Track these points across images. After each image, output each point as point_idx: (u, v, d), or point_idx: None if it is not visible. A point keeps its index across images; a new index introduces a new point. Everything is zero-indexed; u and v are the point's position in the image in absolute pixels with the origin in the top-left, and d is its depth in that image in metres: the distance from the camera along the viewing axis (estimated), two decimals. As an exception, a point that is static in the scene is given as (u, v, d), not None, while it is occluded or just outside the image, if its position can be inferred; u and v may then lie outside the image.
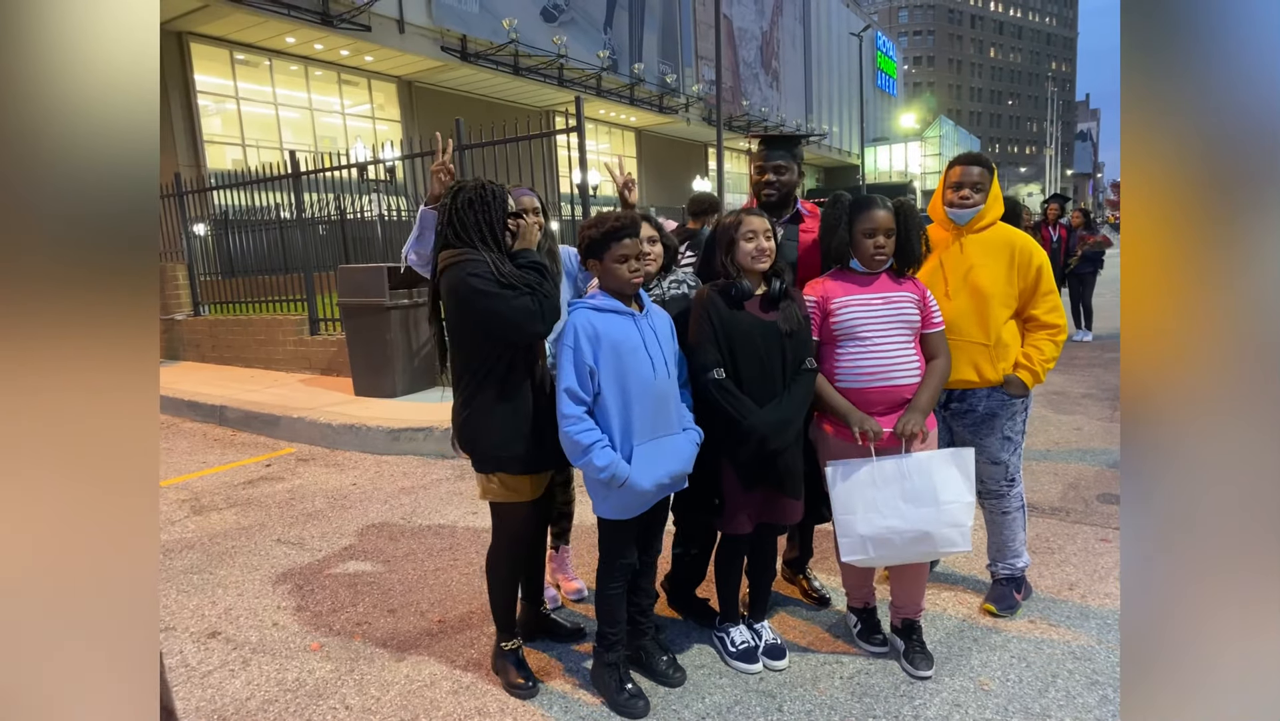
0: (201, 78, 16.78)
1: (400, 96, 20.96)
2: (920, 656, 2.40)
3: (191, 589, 3.24)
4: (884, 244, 2.34)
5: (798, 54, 38.29)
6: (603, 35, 24.54)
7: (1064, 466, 4.42)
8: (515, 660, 2.43)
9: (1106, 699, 2.22)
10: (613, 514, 2.22)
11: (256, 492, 4.56)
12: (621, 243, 2.16)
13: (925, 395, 2.34)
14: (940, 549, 2.32)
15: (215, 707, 2.37)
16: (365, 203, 8.19)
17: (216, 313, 9.22)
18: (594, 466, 2.10)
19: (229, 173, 9.81)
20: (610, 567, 2.30)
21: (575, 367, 2.13)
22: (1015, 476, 2.73)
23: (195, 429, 6.39)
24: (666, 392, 2.23)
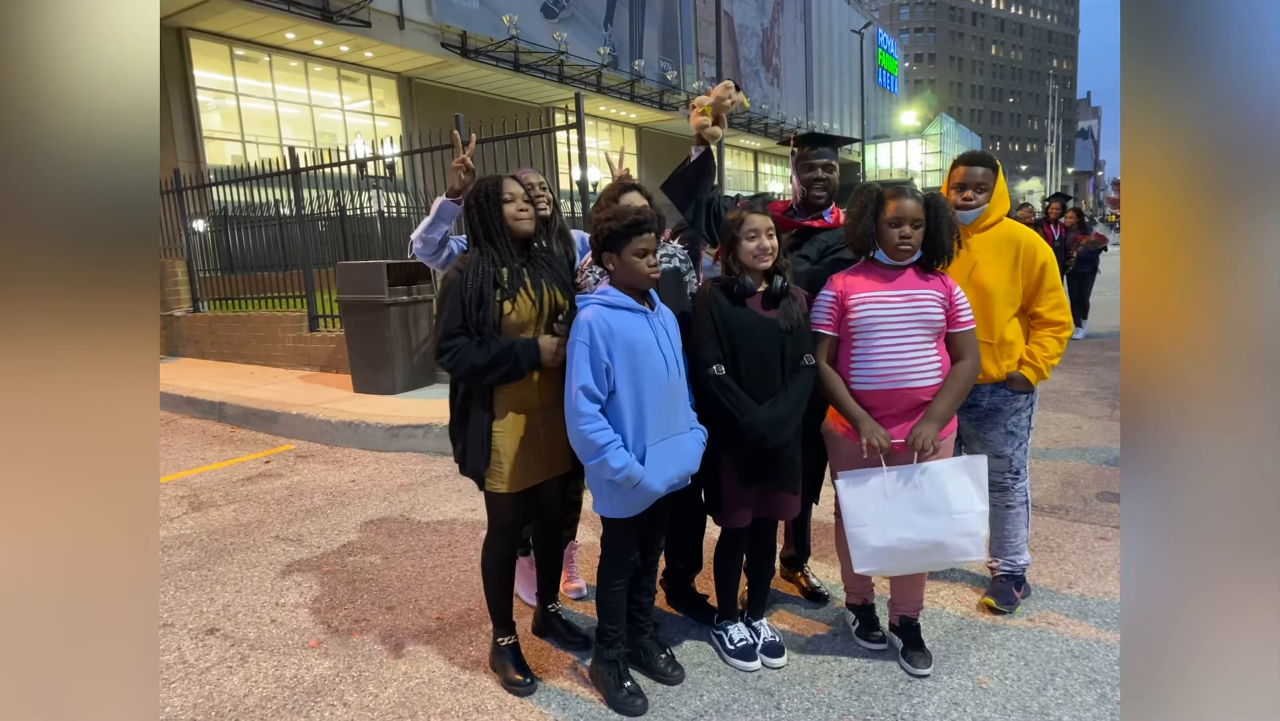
0: (201, 73, 16.75)
1: (400, 93, 20.93)
2: (919, 655, 2.40)
3: (190, 585, 3.24)
4: (910, 234, 2.24)
5: (798, 51, 38.22)
6: (603, 31, 24.49)
7: (1063, 464, 4.42)
8: (512, 656, 2.42)
9: (1105, 697, 2.22)
10: (614, 512, 2.20)
11: (255, 489, 4.56)
12: (643, 237, 2.12)
13: (944, 403, 2.24)
14: (953, 558, 2.27)
15: (213, 704, 2.37)
16: (365, 199, 8.17)
17: (216, 309, 9.21)
18: (609, 467, 2.05)
19: (228, 169, 9.78)
20: (612, 565, 2.29)
21: (591, 365, 2.07)
22: (1020, 471, 2.72)
23: (194, 425, 6.39)
24: (677, 391, 2.21)
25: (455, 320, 2.17)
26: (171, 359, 9.24)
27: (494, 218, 2.25)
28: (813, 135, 2.69)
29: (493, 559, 2.44)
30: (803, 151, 2.65)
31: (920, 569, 2.34)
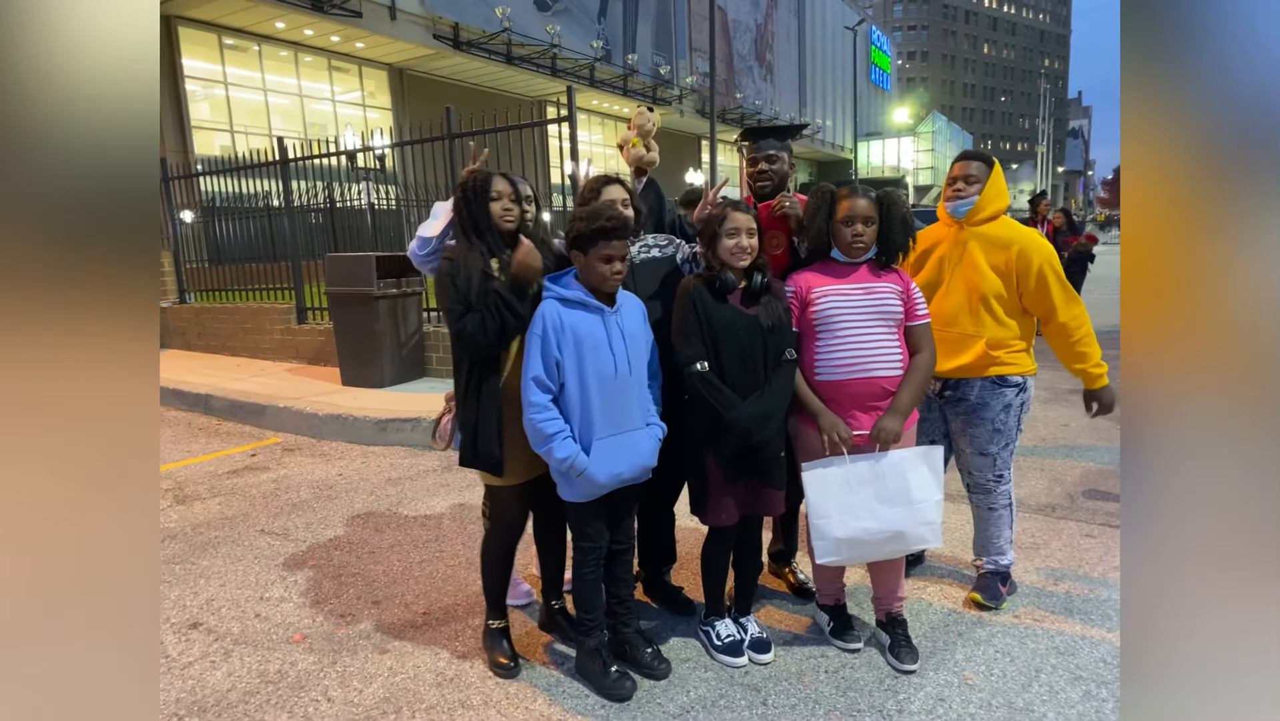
0: (190, 62, 16.58)
1: (391, 84, 20.79)
2: (905, 650, 2.41)
3: (174, 579, 3.21)
4: (863, 232, 2.33)
5: (792, 47, 38.23)
6: (596, 25, 24.41)
7: (1050, 462, 4.44)
8: (501, 639, 2.46)
9: (1090, 694, 2.23)
10: (572, 497, 2.27)
11: (241, 482, 4.52)
12: (610, 243, 2.17)
13: (906, 396, 2.32)
14: (912, 546, 2.37)
15: (196, 699, 2.35)
16: (355, 191, 8.12)
17: (203, 300, 9.13)
18: (555, 457, 2.16)
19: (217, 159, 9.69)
20: (582, 551, 2.33)
21: (542, 357, 2.16)
22: (1004, 473, 2.72)
23: (180, 417, 6.33)
24: (628, 389, 2.25)
25: (458, 304, 2.22)
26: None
27: (482, 212, 2.30)
28: (753, 130, 2.75)
29: (490, 546, 2.47)
30: (748, 147, 2.74)
31: (880, 557, 2.41)
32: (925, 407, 2.77)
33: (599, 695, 2.29)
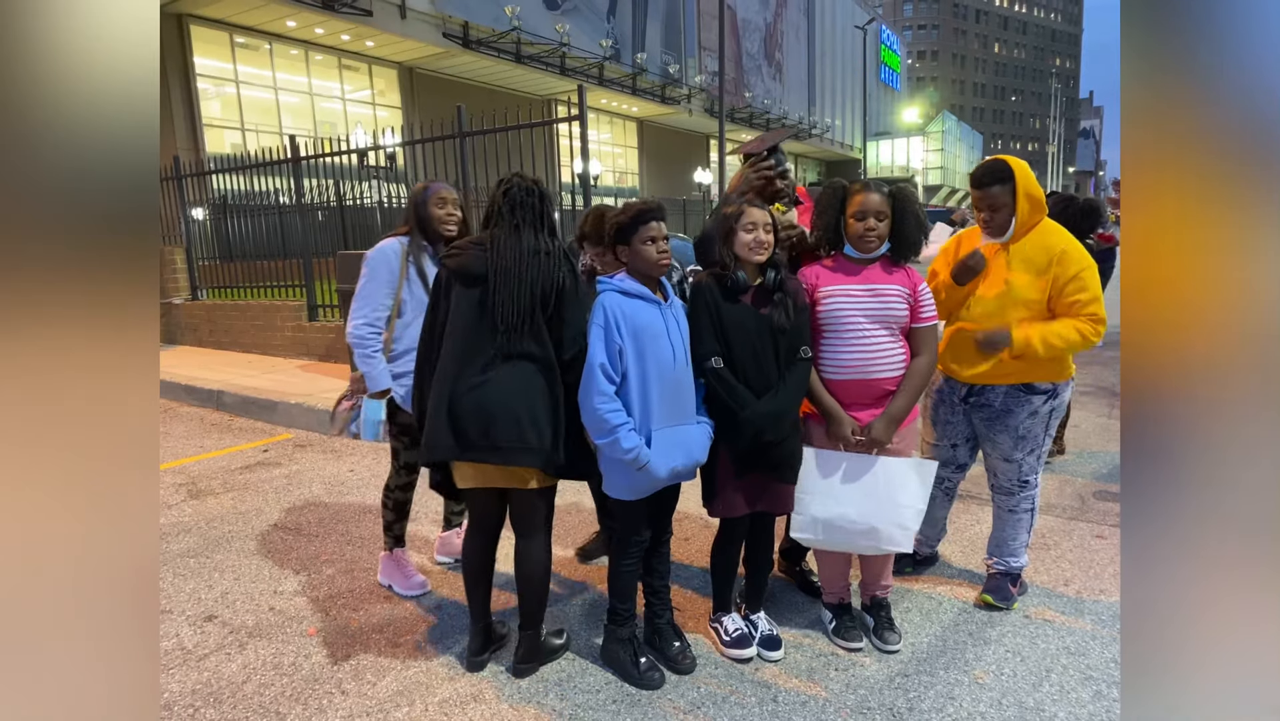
0: (201, 61, 16.69)
1: (401, 82, 20.86)
2: (889, 631, 2.48)
3: (188, 572, 3.24)
4: (875, 226, 2.33)
5: (801, 46, 38.13)
6: (605, 24, 24.42)
7: (1061, 463, 4.43)
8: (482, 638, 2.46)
9: (1101, 694, 2.23)
10: (622, 495, 2.27)
11: (254, 478, 4.56)
12: (649, 225, 2.22)
13: (901, 400, 2.36)
14: (883, 545, 2.42)
15: (211, 691, 2.38)
16: (365, 189, 8.15)
17: (214, 297, 9.19)
18: (620, 448, 2.13)
19: (228, 156, 9.74)
20: (624, 545, 2.36)
21: (606, 346, 2.16)
22: (1030, 479, 2.69)
23: (192, 413, 6.38)
24: (684, 381, 2.26)
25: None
26: (170, 346, 9.22)
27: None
28: (750, 154, 2.71)
29: (465, 545, 2.46)
30: (751, 162, 2.69)
31: (850, 549, 2.48)
32: (950, 410, 2.76)
33: (628, 684, 2.32)
